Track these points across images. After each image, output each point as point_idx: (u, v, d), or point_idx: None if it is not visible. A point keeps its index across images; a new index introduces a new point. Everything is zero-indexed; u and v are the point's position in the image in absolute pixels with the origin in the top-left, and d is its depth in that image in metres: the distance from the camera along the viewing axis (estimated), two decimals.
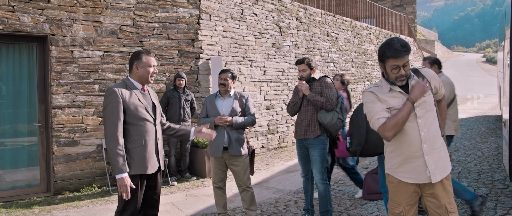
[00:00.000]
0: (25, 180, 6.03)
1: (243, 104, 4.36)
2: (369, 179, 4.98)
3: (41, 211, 5.22)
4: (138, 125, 3.11)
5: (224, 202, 4.44)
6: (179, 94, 6.67)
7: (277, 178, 6.73)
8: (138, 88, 3.21)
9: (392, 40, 2.58)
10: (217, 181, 4.38)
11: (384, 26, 18.43)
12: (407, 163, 2.62)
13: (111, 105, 3.00)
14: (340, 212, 4.79)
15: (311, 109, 4.32)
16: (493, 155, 7.79)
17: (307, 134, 4.30)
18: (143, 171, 3.08)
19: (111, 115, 2.98)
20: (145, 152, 3.11)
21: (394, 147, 2.67)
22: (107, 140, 2.97)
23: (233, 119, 4.21)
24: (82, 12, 6.23)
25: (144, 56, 3.20)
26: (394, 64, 2.56)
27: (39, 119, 6.06)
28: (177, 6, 7.14)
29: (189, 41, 7.26)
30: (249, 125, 4.33)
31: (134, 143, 3.07)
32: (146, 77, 3.21)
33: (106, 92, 3.07)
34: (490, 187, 5.57)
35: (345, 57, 12.62)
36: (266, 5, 9.30)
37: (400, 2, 23.76)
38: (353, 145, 3.59)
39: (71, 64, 6.15)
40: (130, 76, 3.23)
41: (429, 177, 2.57)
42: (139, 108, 3.12)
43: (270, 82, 9.33)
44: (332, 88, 4.30)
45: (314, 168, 4.33)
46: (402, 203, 2.68)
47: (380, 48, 2.63)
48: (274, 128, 9.44)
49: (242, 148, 4.25)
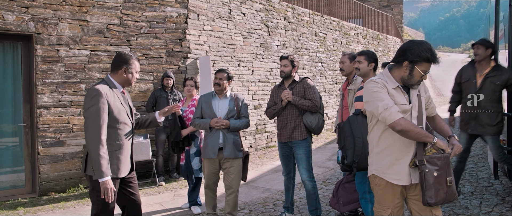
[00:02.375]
0: (9, 181, 5.93)
1: (238, 106, 4.29)
2: (342, 191, 4.44)
3: (26, 212, 5.14)
4: (118, 128, 3.07)
5: (214, 203, 4.42)
6: (166, 94, 6.62)
7: (265, 178, 6.74)
8: (119, 90, 3.16)
9: (430, 45, 2.55)
10: (210, 183, 4.32)
11: (372, 26, 18.58)
12: (397, 164, 2.62)
13: (96, 106, 2.91)
14: (328, 211, 4.81)
15: (295, 111, 4.33)
16: (478, 153, 7.91)
17: (293, 136, 4.32)
18: (119, 174, 3.07)
19: (96, 117, 2.89)
20: (121, 155, 3.09)
21: (385, 146, 2.66)
22: (90, 142, 2.87)
23: (230, 122, 4.14)
24: (68, 10, 6.15)
25: (134, 61, 3.17)
26: (426, 69, 2.55)
27: (24, 119, 5.97)
28: (165, 5, 7.10)
29: (177, 41, 7.23)
30: (244, 128, 4.27)
31: (112, 146, 3.03)
32: (130, 81, 3.18)
33: (90, 92, 2.97)
34: (475, 185, 5.65)
35: (333, 57, 12.69)
36: (254, 5, 9.30)
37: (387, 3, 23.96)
38: (348, 157, 3.32)
39: (57, 64, 6.07)
40: (112, 76, 3.15)
41: (416, 178, 2.59)
42: (121, 112, 3.08)
43: (258, 81, 9.33)
44: (315, 89, 4.34)
45: (301, 167, 4.35)
46: (390, 205, 2.67)
47: (415, 48, 2.55)
48: (262, 128, 9.44)
49: (237, 151, 4.21)
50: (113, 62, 3.18)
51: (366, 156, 3.24)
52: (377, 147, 2.72)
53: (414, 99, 2.68)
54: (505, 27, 4.95)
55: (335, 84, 12.73)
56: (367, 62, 3.87)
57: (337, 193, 4.28)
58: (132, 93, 6.78)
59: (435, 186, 2.49)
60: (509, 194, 5.16)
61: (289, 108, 4.35)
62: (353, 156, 3.28)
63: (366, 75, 3.86)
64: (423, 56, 2.51)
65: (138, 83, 6.84)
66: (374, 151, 2.75)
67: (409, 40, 2.69)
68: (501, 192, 5.25)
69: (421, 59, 2.52)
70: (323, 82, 12.02)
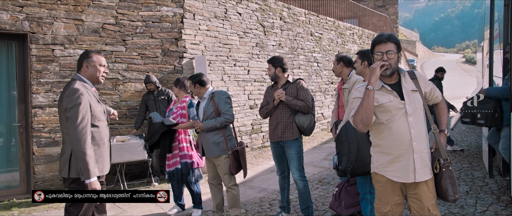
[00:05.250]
0: (4, 181, 5.89)
1: (215, 104, 4.32)
2: (344, 194, 4.44)
3: (20, 213, 5.11)
4: (99, 126, 3.06)
5: (219, 200, 4.53)
6: (153, 96, 6.56)
7: (261, 178, 6.74)
8: (91, 88, 3.11)
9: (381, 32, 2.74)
10: (210, 178, 4.51)
11: (367, 26, 18.64)
12: (397, 162, 2.64)
13: (80, 106, 2.87)
14: (324, 211, 4.82)
15: (287, 111, 4.35)
16: (473, 153, 7.95)
17: (284, 136, 4.34)
18: (102, 172, 3.07)
19: (81, 117, 2.86)
20: (105, 153, 3.11)
21: (384, 145, 2.69)
22: (77, 143, 2.83)
23: (203, 123, 4.25)
24: (63, 10, 6.11)
25: (94, 55, 3.11)
26: (378, 50, 2.65)
27: (18, 119, 5.93)
28: (161, 4, 7.08)
29: (173, 40, 7.21)
30: (223, 124, 4.25)
31: (96, 145, 3.02)
32: (96, 76, 3.11)
33: (71, 91, 2.91)
34: (470, 184, 5.68)
35: (329, 57, 12.71)
36: (250, 5, 9.29)
37: (383, 3, 24.04)
38: (342, 163, 3.38)
39: (52, 63, 6.04)
40: (80, 74, 3.11)
41: (414, 176, 2.60)
42: (98, 110, 3.06)
43: (254, 81, 9.33)
44: (308, 91, 4.38)
45: (292, 166, 4.37)
46: (390, 202, 2.71)
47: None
48: (258, 128, 9.44)
49: (220, 150, 4.27)
50: (77, 62, 3.15)
51: (361, 162, 3.29)
52: (376, 146, 2.76)
53: (407, 95, 2.68)
54: (500, 27, 4.97)
55: (331, 84, 12.75)
56: (360, 60, 3.88)
57: (340, 196, 4.26)
58: (127, 93, 6.76)
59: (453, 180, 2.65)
60: (504, 193, 5.18)
61: (281, 108, 4.36)
62: (348, 162, 3.32)
63: (361, 74, 3.87)
64: (372, 41, 2.74)
65: (134, 82, 6.81)
66: (375, 149, 2.78)
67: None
68: (496, 191, 5.28)
69: (372, 45, 2.74)
70: (319, 82, 12.04)
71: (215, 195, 4.53)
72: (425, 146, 2.66)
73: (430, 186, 2.66)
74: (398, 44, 2.69)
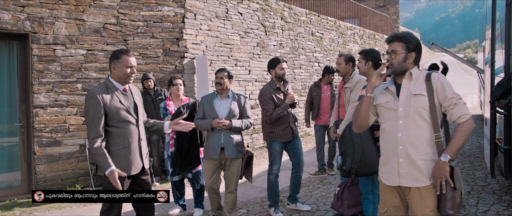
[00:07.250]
0: (5, 181, 5.89)
1: (241, 105, 4.28)
2: (347, 194, 4.38)
3: (22, 212, 5.11)
4: (121, 127, 3.10)
5: (218, 204, 4.44)
6: (151, 96, 6.53)
7: (262, 177, 6.72)
8: (119, 89, 3.15)
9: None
10: (211, 184, 4.27)
11: (368, 26, 18.62)
12: (386, 163, 2.63)
13: (92, 110, 3.00)
14: (325, 211, 4.81)
15: (288, 112, 4.69)
16: (475, 153, 7.94)
17: (296, 132, 4.74)
18: (127, 172, 3.09)
19: (92, 119, 2.99)
20: (129, 154, 3.12)
21: (381, 145, 2.71)
22: (90, 142, 3.02)
23: (232, 122, 4.12)
24: (65, 9, 6.12)
25: (122, 55, 3.12)
26: (387, 50, 2.67)
27: (20, 119, 5.93)
28: (162, 4, 7.08)
29: (174, 40, 7.21)
30: (246, 128, 4.27)
31: (117, 145, 3.08)
32: (123, 77, 3.13)
33: (87, 95, 3.07)
34: (472, 184, 5.67)
35: (330, 57, 12.70)
36: (251, 5, 9.29)
37: (383, 3, 24.00)
38: (346, 163, 3.33)
39: (53, 63, 6.04)
40: (110, 76, 3.18)
41: (399, 180, 2.54)
42: (120, 111, 3.09)
43: (255, 81, 9.33)
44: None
45: (302, 156, 4.79)
46: (387, 203, 2.68)
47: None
48: (259, 128, 9.43)
49: (239, 152, 4.21)
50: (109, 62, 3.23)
51: (365, 162, 3.29)
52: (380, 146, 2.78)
53: (404, 97, 2.55)
54: (502, 26, 4.96)
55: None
56: (364, 61, 3.87)
57: (342, 196, 4.24)
58: None
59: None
60: (506, 193, 5.18)
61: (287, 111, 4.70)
62: (352, 163, 3.33)
63: (365, 74, 3.87)
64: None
65: (135, 82, 6.80)
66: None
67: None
68: (497, 191, 5.28)
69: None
70: None
71: (214, 201, 4.38)
72: (417, 152, 2.47)
73: (424, 194, 2.47)
74: (407, 43, 2.57)
